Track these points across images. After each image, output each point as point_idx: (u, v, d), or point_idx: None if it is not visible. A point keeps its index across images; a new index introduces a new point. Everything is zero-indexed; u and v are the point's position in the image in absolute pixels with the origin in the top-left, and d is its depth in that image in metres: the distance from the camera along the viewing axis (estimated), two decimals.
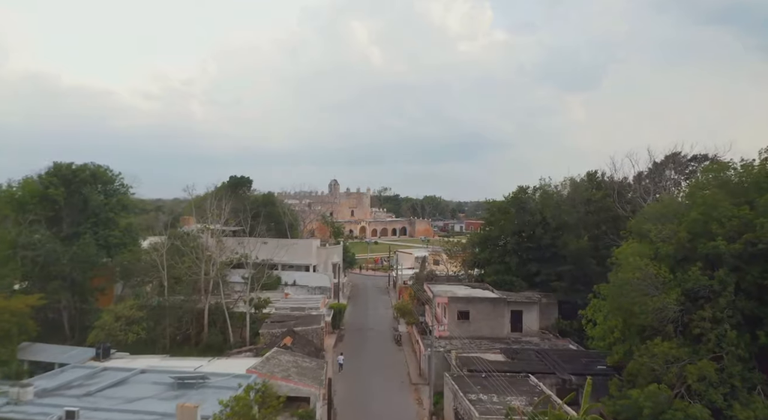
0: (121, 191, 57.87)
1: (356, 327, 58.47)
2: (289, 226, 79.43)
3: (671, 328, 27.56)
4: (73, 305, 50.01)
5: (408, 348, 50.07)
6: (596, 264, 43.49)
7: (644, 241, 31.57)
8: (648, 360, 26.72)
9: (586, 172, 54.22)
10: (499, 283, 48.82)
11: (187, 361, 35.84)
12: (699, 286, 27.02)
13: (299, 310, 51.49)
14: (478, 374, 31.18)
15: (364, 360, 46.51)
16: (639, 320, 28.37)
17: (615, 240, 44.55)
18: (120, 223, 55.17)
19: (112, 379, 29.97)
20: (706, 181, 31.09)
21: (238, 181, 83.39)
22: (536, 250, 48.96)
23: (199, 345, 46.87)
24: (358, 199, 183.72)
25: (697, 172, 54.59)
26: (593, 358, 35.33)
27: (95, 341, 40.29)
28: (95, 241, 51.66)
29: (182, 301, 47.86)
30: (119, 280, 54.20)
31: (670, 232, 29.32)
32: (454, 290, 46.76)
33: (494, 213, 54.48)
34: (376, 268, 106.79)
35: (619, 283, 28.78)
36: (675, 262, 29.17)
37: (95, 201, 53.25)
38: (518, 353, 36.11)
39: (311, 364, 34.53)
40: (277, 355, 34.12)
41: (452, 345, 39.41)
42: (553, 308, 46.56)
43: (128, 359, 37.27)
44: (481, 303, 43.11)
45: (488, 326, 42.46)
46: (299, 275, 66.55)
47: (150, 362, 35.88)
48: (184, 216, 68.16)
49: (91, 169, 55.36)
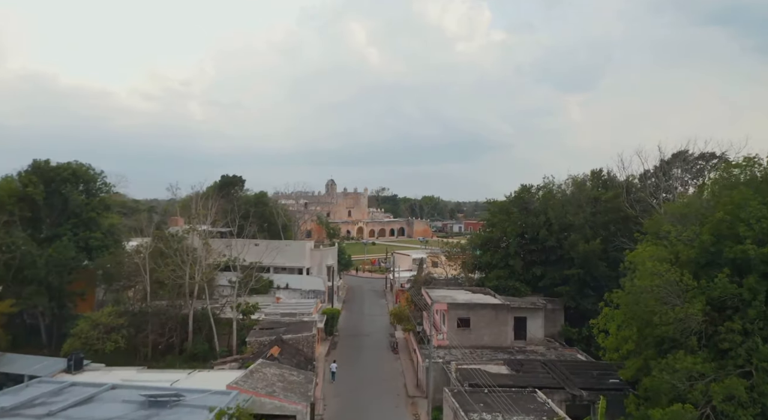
0: (103, 190, 55.05)
1: (351, 333, 55.74)
2: (282, 227, 76.72)
3: (695, 341, 24.84)
4: (51, 311, 47.38)
5: (405, 356, 47.35)
6: (606, 267, 40.88)
7: (662, 243, 28.92)
8: (669, 376, 24.04)
9: (591, 171, 51.76)
10: (502, 288, 46.16)
11: (164, 374, 33.11)
12: (726, 295, 24.35)
13: (290, 315, 48.85)
14: (480, 390, 28.48)
15: (359, 369, 43.81)
16: (658, 331, 25.69)
17: (625, 242, 42.03)
18: (102, 224, 52.42)
19: (78, 396, 27.21)
20: (730, 178, 28.41)
21: (229, 181, 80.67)
22: (540, 252, 46.33)
23: (184, 354, 44.25)
24: (355, 200, 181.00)
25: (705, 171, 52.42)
26: (604, 371, 32.71)
27: (69, 351, 37.65)
28: (75, 243, 49.00)
29: (166, 307, 45.23)
30: (101, 285, 51.52)
31: (692, 234, 26.67)
32: (453, 295, 44.06)
33: (496, 213, 51.68)
34: (373, 269, 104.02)
35: (636, 291, 26.08)
36: (697, 267, 26.50)
37: (76, 201, 50.47)
38: (523, 365, 33.43)
39: (299, 377, 31.84)
40: (262, 368, 31.44)
41: (452, 355, 36.72)
42: (558, 314, 43.93)
43: (102, 372, 34.50)
44: (483, 309, 40.38)
45: (490, 334, 39.76)
46: (292, 278, 63.96)
47: (125, 375, 33.16)
48: (172, 217, 65.32)
49: (72, 168, 52.57)
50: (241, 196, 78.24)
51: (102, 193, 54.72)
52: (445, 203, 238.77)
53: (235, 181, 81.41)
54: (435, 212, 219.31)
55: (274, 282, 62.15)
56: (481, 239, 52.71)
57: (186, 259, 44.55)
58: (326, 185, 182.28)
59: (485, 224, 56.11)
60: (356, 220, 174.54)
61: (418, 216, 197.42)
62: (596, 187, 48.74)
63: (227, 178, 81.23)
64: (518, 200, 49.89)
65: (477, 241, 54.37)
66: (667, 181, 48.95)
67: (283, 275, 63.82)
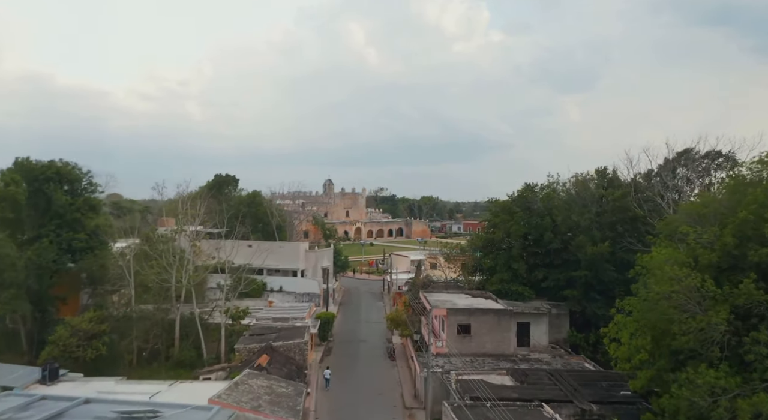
0: (89, 190, 52.87)
1: (346, 338, 53.59)
2: (277, 227, 74.51)
3: (717, 352, 22.77)
4: (32, 316, 45.22)
5: (402, 362, 45.23)
6: (614, 270, 38.83)
7: (677, 245, 26.84)
8: (689, 393, 21.95)
9: (595, 169, 49.65)
10: (504, 292, 44.02)
11: (144, 386, 30.94)
12: (752, 302, 22.28)
13: (282, 320, 46.65)
14: (482, 404, 26.38)
15: (353, 378, 41.70)
16: (677, 342, 23.63)
17: (633, 242, 40.05)
18: (87, 225, 50.22)
19: (47, 412, 24.93)
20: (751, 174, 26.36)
21: (223, 180, 78.56)
22: (544, 254, 44.23)
23: (170, 361, 42.16)
24: (353, 200, 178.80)
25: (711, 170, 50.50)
26: (614, 381, 30.62)
27: (46, 360, 35.49)
28: (58, 244, 46.90)
29: (152, 312, 43.11)
30: (85, 288, 49.38)
31: (713, 236, 24.59)
32: (453, 300, 41.94)
33: (498, 214, 49.45)
34: (370, 271, 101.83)
35: (653, 298, 24.00)
36: (718, 272, 24.43)
37: (60, 201, 48.31)
38: (528, 375, 31.30)
39: (288, 389, 29.71)
40: (249, 380, 29.31)
41: (451, 364, 34.64)
42: (563, 319, 41.90)
43: (78, 383, 32.29)
44: (484, 315, 38.26)
45: (492, 341, 37.67)
46: (286, 281, 61.84)
47: (102, 387, 30.93)
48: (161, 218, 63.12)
49: (56, 167, 50.45)
50: (234, 195, 76.08)
51: (87, 193, 52.58)
52: (444, 203, 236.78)
53: (228, 180, 79.33)
54: (434, 212, 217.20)
55: (268, 284, 60.05)
56: (483, 241, 50.44)
57: (172, 261, 42.42)
58: (324, 185, 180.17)
59: (487, 225, 53.98)
60: (354, 221, 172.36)
61: (416, 216, 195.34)
62: (601, 187, 46.67)
63: (220, 177, 79.13)
64: (521, 200, 47.76)
65: (478, 242, 52.16)
66: (672, 180, 47.13)
67: (276, 277, 61.71)
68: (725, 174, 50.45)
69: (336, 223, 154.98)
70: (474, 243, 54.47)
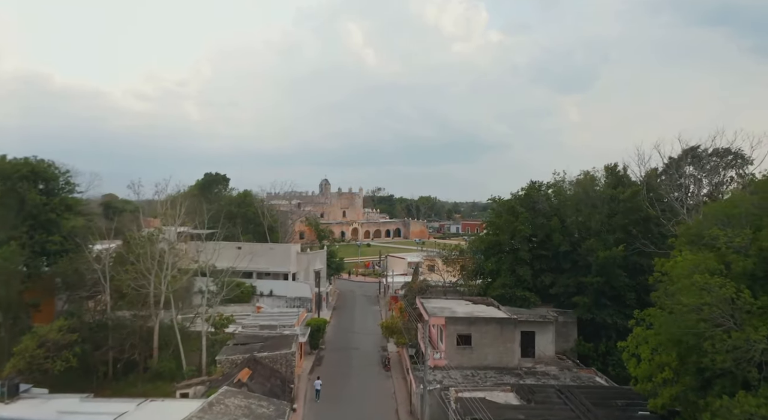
0: (66, 189, 49.87)
1: (339, 346, 50.62)
2: (269, 228, 71.53)
3: (755, 373, 19.90)
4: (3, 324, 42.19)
5: (398, 373, 42.32)
6: (626, 275, 36.00)
7: (703, 250, 23.95)
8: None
9: (605, 166, 46.76)
10: (507, 297, 41.05)
11: (110, 405, 28.02)
12: None
13: (270, 328, 43.82)
14: None
15: (345, 390, 38.76)
16: (707, 359, 20.73)
17: (647, 245, 37.22)
18: (64, 226, 47.20)
19: None
20: None
21: (212, 179, 75.63)
22: (551, 258, 41.33)
23: (148, 372, 39.18)
24: (350, 200, 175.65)
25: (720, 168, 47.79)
26: (630, 399, 27.69)
27: (9, 373, 32.53)
28: (31, 247, 43.95)
29: (128, 319, 40.15)
30: (60, 294, 46.34)
31: (746, 240, 21.73)
32: (452, 307, 39.03)
33: (501, 214, 46.31)
34: (366, 273, 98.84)
35: (681, 310, 21.10)
36: (752, 280, 21.57)
37: (34, 201, 45.34)
38: (535, 393, 28.37)
39: (269, 409, 26.76)
40: (225, 399, 26.38)
41: (450, 378, 31.73)
42: (571, 328, 39.01)
43: (41, 400, 29.37)
44: (486, 325, 35.30)
45: (494, 353, 34.73)
46: (277, 284, 58.90)
47: (65, 405, 28.13)
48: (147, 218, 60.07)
49: (31, 165, 47.48)
50: (224, 195, 73.06)
51: (64, 193, 49.59)
52: (442, 204, 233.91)
53: (218, 179, 76.45)
54: (432, 213, 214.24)
55: (257, 288, 57.10)
56: (485, 244, 47.26)
57: (150, 265, 39.43)
58: (320, 185, 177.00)
59: (488, 225, 50.94)
60: (351, 221, 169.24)
61: (414, 217, 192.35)
62: (611, 185, 43.77)
63: (210, 175, 76.20)
64: (527, 199, 44.74)
65: (480, 245, 49.08)
66: (680, 179, 44.50)
67: (267, 281, 58.80)
68: (735, 172, 48.11)
69: (332, 223, 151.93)
70: (475, 245, 51.48)
